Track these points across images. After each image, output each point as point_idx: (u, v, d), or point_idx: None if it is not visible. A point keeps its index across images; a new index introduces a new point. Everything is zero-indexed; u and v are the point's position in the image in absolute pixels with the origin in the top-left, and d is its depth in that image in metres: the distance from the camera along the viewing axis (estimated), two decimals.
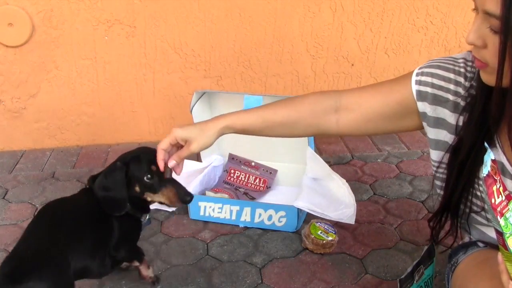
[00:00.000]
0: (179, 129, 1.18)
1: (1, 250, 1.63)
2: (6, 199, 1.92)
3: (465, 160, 1.03)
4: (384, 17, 2.32)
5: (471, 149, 1.02)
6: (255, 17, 2.22)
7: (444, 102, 1.06)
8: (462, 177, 1.05)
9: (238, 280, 1.50)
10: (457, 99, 1.05)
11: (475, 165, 1.02)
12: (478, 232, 1.14)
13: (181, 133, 1.18)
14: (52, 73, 2.19)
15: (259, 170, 1.98)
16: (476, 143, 1.01)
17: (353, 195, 1.67)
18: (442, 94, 1.06)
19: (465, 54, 1.07)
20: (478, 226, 1.13)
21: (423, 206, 1.89)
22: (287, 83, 2.38)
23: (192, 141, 1.17)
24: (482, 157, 0.95)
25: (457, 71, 1.05)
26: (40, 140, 2.31)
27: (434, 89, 1.07)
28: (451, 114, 1.06)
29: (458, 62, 1.06)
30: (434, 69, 1.08)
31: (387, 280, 1.50)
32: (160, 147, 1.19)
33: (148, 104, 2.32)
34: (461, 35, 2.40)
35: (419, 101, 1.09)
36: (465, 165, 1.03)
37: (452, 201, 1.10)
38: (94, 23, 2.13)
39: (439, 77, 1.07)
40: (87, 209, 1.27)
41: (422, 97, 1.08)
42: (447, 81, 1.06)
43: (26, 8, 2.05)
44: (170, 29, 2.19)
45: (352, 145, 2.37)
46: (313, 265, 1.57)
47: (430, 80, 1.07)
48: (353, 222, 1.61)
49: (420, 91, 1.08)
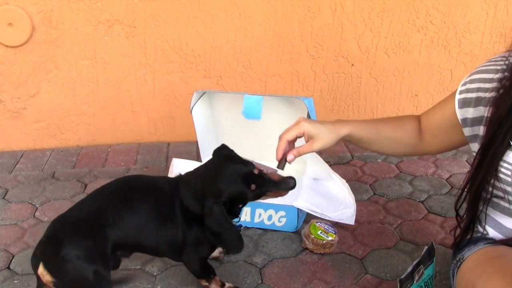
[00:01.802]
0: (308, 124, 1.20)
1: (1, 250, 1.63)
2: (6, 199, 1.92)
3: (488, 144, 1.06)
4: (384, 17, 2.32)
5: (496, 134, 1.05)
6: (255, 17, 2.23)
7: (483, 100, 1.10)
8: (486, 160, 1.07)
9: (238, 280, 1.50)
10: (492, 94, 1.09)
11: (500, 149, 1.04)
12: (496, 223, 1.15)
13: (310, 129, 1.20)
14: (52, 73, 2.19)
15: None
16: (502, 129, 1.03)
17: (353, 195, 1.67)
18: (481, 94, 1.11)
19: (505, 53, 1.12)
20: (497, 217, 1.14)
21: (423, 206, 1.89)
22: (287, 83, 2.38)
23: (318, 140, 1.20)
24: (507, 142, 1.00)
25: (493, 69, 1.11)
26: (40, 140, 2.31)
27: (473, 93, 1.13)
28: (486, 108, 1.10)
29: (495, 61, 1.12)
30: (474, 75, 1.15)
31: (387, 280, 1.50)
32: (285, 138, 1.22)
33: (148, 104, 2.32)
34: (461, 35, 2.40)
35: (459, 109, 1.15)
36: (490, 149, 1.06)
37: (474, 185, 1.12)
38: (94, 23, 2.13)
39: (478, 80, 1.13)
40: (160, 200, 1.28)
41: (465, 103, 1.14)
42: (484, 81, 1.11)
43: (26, 8, 2.05)
44: (170, 29, 2.19)
45: (352, 145, 2.36)
46: (313, 265, 1.57)
47: (470, 86, 1.14)
48: (353, 222, 1.61)
49: (462, 99, 1.15)
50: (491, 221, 1.16)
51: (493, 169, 1.07)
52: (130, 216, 1.24)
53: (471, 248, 1.17)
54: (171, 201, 1.26)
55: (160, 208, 1.26)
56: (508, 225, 1.12)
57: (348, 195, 1.67)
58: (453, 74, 2.51)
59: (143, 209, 1.25)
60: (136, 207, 1.25)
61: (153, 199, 1.27)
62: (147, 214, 1.25)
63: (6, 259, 1.58)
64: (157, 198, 1.27)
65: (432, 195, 1.95)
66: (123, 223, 1.23)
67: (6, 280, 1.49)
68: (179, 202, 1.26)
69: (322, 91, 2.42)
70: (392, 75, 2.46)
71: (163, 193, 1.28)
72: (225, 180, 1.22)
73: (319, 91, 2.42)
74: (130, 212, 1.24)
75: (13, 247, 1.65)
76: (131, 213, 1.24)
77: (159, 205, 1.26)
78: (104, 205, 1.25)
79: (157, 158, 2.25)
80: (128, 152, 2.29)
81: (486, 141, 1.07)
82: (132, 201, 1.25)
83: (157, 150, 2.32)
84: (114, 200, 1.27)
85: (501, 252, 1.09)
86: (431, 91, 2.53)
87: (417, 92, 2.52)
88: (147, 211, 1.25)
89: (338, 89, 2.44)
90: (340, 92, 2.44)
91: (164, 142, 2.40)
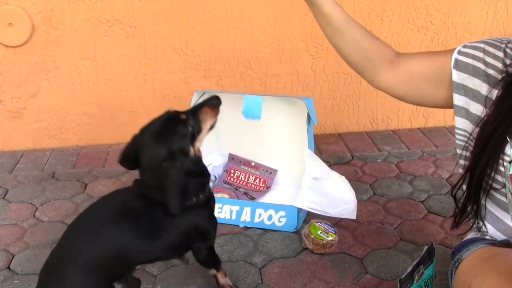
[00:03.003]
0: None
1: (1, 250, 1.63)
2: (6, 199, 1.92)
3: (490, 135, 1.05)
4: (384, 17, 2.32)
5: (499, 125, 1.03)
6: (255, 17, 2.22)
7: (482, 75, 1.08)
8: (487, 152, 1.06)
9: (238, 280, 1.50)
10: (494, 73, 1.07)
11: (501, 141, 1.03)
12: (493, 218, 1.14)
13: None
14: (52, 73, 2.19)
15: (259, 170, 1.98)
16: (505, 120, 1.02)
17: (353, 190, 1.67)
18: (480, 66, 1.09)
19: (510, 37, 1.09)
20: (493, 209, 1.13)
21: (423, 206, 1.89)
22: (287, 83, 2.38)
23: None
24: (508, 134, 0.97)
25: (498, 46, 1.08)
26: (40, 140, 2.31)
27: (474, 60, 1.09)
28: (487, 86, 1.08)
29: (502, 41, 1.09)
30: (477, 43, 1.11)
31: (387, 280, 1.50)
32: None
33: (148, 104, 2.32)
34: (461, 35, 2.39)
35: (454, 69, 1.11)
36: (490, 140, 1.05)
37: (474, 176, 1.11)
38: (94, 23, 2.13)
39: (480, 49, 1.10)
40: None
41: (460, 66, 1.10)
42: (487, 54, 1.09)
43: (26, 8, 2.05)
44: (170, 29, 2.19)
45: (352, 145, 2.37)
46: (313, 265, 1.57)
47: (472, 52, 1.11)
48: (355, 217, 1.61)
49: (459, 60, 1.11)
50: (489, 215, 1.15)
51: (496, 156, 1.04)
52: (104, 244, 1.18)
53: (469, 249, 1.17)
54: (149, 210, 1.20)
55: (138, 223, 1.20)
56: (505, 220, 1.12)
57: (348, 190, 1.68)
58: None
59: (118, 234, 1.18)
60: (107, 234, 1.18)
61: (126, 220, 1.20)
62: (125, 237, 1.19)
63: (6, 259, 1.58)
64: (128, 216, 1.20)
65: (432, 195, 1.95)
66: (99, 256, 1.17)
67: (6, 280, 1.49)
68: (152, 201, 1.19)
69: (322, 91, 2.42)
70: None
71: (135, 209, 1.21)
72: (154, 141, 1.18)
73: (319, 91, 2.42)
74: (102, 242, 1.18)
75: (13, 247, 1.65)
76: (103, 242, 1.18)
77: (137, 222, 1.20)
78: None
79: None
80: None
81: (490, 130, 1.04)
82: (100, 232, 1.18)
83: None
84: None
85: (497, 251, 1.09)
86: None
87: None
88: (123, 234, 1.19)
89: (338, 89, 2.44)
90: (340, 92, 2.44)
91: None
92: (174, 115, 1.21)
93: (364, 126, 2.55)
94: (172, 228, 1.20)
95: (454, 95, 1.13)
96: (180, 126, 1.19)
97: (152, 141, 1.18)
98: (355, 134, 2.48)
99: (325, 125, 2.48)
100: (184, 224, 1.22)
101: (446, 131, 2.54)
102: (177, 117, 1.21)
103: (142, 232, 1.19)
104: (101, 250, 1.16)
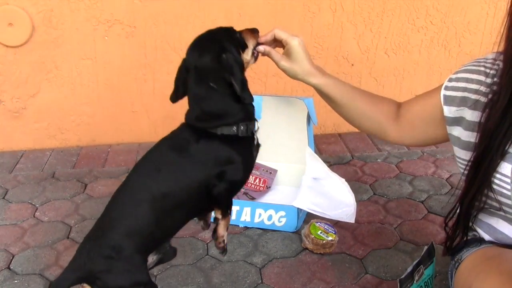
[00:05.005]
0: (300, 41, 1.26)
1: (1, 250, 1.63)
2: (6, 199, 1.92)
3: (481, 157, 1.05)
4: (384, 17, 2.32)
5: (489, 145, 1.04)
6: (255, 17, 2.22)
7: (469, 103, 1.09)
8: (479, 172, 1.06)
9: (238, 280, 1.50)
10: (478, 97, 1.08)
11: (493, 161, 1.03)
12: (490, 229, 1.14)
13: (297, 47, 1.24)
14: (52, 73, 2.19)
15: (259, 170, 1.98)
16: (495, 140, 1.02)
17: (352, 194, 1.67)
18: (466, 95, 1.10)
19: (497, 54, 1.09)
20: (491, 223, 1.14)
21: (423, 206, 1.89)
22: (287, 83, 2.38)
23: (291, 61, 1.24)
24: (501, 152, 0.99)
25: (477, 70, 1.09)
26: (40, 140, 2.31)
27: (458, 92, 1.11)
28: (471, 112, 1.09)
29: (479, 63, 1.10)
30: (460, 74, 1.13)
31: (387, 280, 1.50)
32: (276, 31, 1.25)
33: (148, 104, 2.32)
34: (461, 35, 2.40)
35: (444, 105, 1.14)
36: (483, 161, 1.05)
37: (464, 204, 1.12)
38: (94, 23, 2.13)
39: (462, 80, 1.11)
40: None
41: (449, 101, 1.12)
42: (469, 82, 1.10)
43: (26, 8, 2.05)
44: (170, 29, 2.19)
45: (352, 145, 2.37)
46: (313, 265, 1.57)
47: (456, 84, 1.12)
48: (353, 221, 1.61)
49: (446, 96, 1.13)
50: (484, 226, 1.16)
51: (488, 180, 1.05)
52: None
53: (469, 249, 1.17)
54: (185, 146, 1.12)
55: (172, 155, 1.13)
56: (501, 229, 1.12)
57: (348, 193, 1.68)
58: None
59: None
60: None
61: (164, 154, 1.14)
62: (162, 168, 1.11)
63: (6, 259, 1.58)
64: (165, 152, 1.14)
65: (432, 195, 1.95)
66: None
67: (6, 280, 1.49)
68: (192, 133, 1.13)
69: None
70: (392, 75, 2.46)
71: (179, 148, 1.13)
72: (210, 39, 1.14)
73: None
74: None
75: (13, 247, 1.65)
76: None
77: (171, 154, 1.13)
78: None
79: None
80: (128, 152, 2.29)
81: (479, 152, 1.06)
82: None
83: None
84: None
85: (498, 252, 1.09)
86: None
87: (417, 92, 2.51)
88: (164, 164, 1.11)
89: None
90: None
91: None
92: (221, 27, 1.17)
93: None
94: (207, 160, 1.10)
95: (448, 128, 1.15)
96: (231, 32, 1.15)
97: (206, 43, 1.12)
98: (355, 134, 2.48)
99: (325, 125, 2.48)
100: (218, 154, 1.11)
101: None
102: (224, 27, 1.16)
103: (180, 171, 1.10)
104: (143, 211, 1.08)
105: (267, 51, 1.23)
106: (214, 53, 1.09)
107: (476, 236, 1.19)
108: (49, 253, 1.61)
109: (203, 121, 1.11)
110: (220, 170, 1.10)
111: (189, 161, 1.11)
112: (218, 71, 1.07)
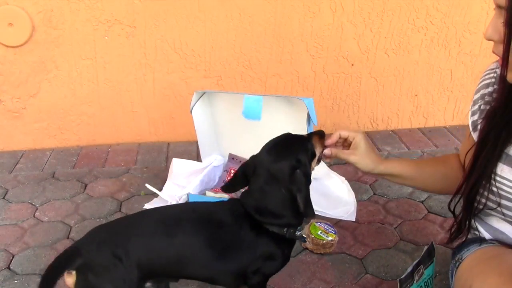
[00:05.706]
0: (363, 137, 1.28)
1: (1, 250, 1.63)
2: (6, 199, 1.92)
3: (478, 155, 1.07)
4: (384, 17, 2.32)
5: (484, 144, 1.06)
6: (255, 17, 2.23)
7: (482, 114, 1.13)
8: (475, 171, 1.08)
9: None
10: (485, 106, 1.11)
11: (489, 161, 1.05)
12: (491, 229, 1.15)
13: (361, 141, 1.27)
14: (52, 73, 2.19)
15: None
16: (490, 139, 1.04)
17: (352, 192, 1.67)
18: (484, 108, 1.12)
19: (493, 64, 1.14)
20: (491, 223, 1.14)
21: (423, 206, 1.89)
22: (287, 83, 2.38)
23: (358, 155, 1.26)
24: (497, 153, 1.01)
25: (487, 83, 1.13)
26: (40, 140, 2.31)
27: (477, 114, 1.15)
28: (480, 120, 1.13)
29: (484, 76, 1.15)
30: (475, 96, 1.17)
31: (387, 280, 1.50)
32: (340, 132, 1.31)
33: (148, 104, 2.32)
34: (461, 35, 2.40)
35: (473, 131, 1.16)
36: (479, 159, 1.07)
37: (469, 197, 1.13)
38: (94, 23, 2.13)
39: (476, 101, 1.16)
40: None
41: (474, 127, 1.15)
42: (481, 97, 1.14)
43: (26, 8, 2.05)
44: (170, 29, 2.19)
45: None
46: (313, 265, 1.57)
47: (473, 108, 1.17)
48: (354, 219, 1.61)
49: (472, 122, 1.17)
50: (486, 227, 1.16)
51: (485, 177, 1.06)
52: (170, 245, 1.13)
53: (470, 249, 1.17)
54: (234, 226, 1.17)
55: (219, 236, 1.16)
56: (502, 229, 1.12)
57: (348, 192, 1.68)
58: (453, 74, 2.51)
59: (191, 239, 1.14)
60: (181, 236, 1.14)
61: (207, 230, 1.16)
62: (197, 243, 1.14)
63: (6, 259, 1.58)
64: (212, 228, 1.16)
65: (432, 195, 1.95)
66: (157, 251, 1.12)
67: (6, 280, 1.49)
68: (244, 218, 1.17)
69: (322, 91, 2.42)
70: (392, 75, 2.46)
71: (221, 221, 1.17)
72: (286, 149, 1.20)
73: (319, 91, 2.42)
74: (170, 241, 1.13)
75: (13, 247, 1.65)
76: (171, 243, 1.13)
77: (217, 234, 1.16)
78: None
79: (157, 158, 2.25)
80: (128, 152, 2.29)
81: (477, 149, 1.08)
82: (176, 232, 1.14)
83: (157, 150, 2.32)
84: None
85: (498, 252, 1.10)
86: (431, 91, 2.53)
87: (417, 92, 2.52)
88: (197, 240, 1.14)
89: (338, 89, 2.44)
90: (340, 92, 2.44)
91: (164, 142, 2.40)
92: (294, 135, 1.25)
93: (364, 126, 2.55)
94: (250, 249, 1.16)
95: None
96: (305, 142, 1.23)
97: (283, 151, 1.19)
98: None
99: (325, 125, 2.48)
100: (263, 249, 1.17)
101: (446, 131, 2.54)
102: (298, 135, 1.25)
103: (217, 246, 1.14)
104: (166, 248, 1.11)
105: (334, 154, 1.28)
106: (289, 165, 1.15)
107: (477, 235, 1.19)
108: (49, 253, 1.61)
109: (260, 215, 1.17)
110: (261, 263, 1.18)
111: (237, 243, 1.16)
112: (289, 183, 1.14)
